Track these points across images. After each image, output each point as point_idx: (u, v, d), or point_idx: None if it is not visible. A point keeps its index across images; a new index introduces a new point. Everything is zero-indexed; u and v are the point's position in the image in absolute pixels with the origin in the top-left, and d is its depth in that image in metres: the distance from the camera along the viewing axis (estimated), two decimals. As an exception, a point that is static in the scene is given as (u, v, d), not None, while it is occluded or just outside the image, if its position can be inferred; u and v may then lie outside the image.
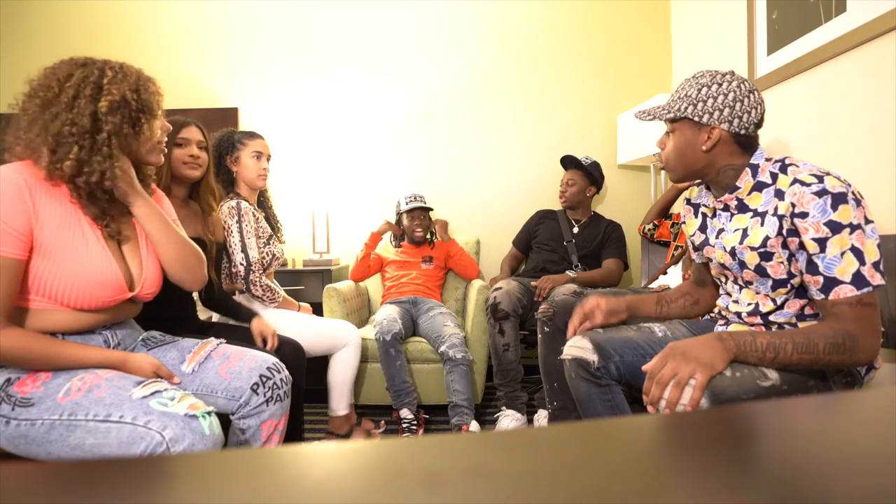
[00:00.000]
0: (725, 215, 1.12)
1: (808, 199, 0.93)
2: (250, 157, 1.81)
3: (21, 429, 0.89)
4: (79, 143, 0.94)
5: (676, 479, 0.26)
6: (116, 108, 0.96)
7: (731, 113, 1.02)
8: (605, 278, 2.27)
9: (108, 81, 0.97)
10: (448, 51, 2.82)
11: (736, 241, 1.07)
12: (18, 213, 0.88)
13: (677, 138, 1.09)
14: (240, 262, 1.69)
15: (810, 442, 0.30)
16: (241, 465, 0.28)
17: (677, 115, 1.07)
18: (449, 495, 0.23)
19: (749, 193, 1.05)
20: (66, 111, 0.93)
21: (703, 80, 1.05)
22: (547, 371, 1.77)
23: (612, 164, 2.79)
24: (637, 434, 0.32)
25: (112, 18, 2.82)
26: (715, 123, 1.03)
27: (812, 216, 0.92)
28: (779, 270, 1.02)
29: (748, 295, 1.11)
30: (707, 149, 1.05)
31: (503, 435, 0.31)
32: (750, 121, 1.03)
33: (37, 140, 0.93)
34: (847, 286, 0.91)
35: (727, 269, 1.13)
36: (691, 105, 1.05)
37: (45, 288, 0.92)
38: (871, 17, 1.50)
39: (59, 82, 0.94)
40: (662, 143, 1.15)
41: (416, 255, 2.46)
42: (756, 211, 1.04)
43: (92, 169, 0.95)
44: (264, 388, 1.16)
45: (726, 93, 1.02)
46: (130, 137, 1.01)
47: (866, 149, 1.55)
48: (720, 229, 1.13)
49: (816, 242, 0.92)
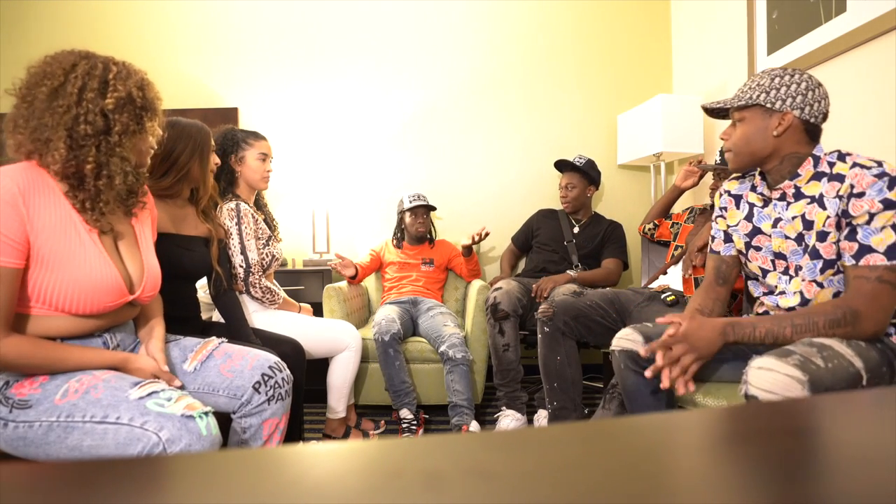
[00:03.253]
0: (781, 204, 1.16)
1: (868, 181, 1.00)
2: (256, 159, 1.80)
3: (19, 431, 0.89)
4: (96, 145, 0.94)
5: (677, 479, 0.26)
6: (123, 106, 0.96)
7: (802, 101, 1.07)
8: (605, 278, 2.27)
9: (114, 77, 0.96)
10: (448, 51, 2.82)
11: (799, 227, 1.11)
12: (13, 221, 0.87)
13: (746, 126, 1.13)
14: (239, 265, 1.68)
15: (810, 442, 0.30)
16: (240, 466, 0.28)
17: (749, 102, 1.11)
18: (449, 495, 0.23)
19: (808, 182, 1.11)
20: (76, 105, 0.92)
21: (775, 72, 1.11)
22: (547, 371, 1.77)
23: (612, 164, 2.80)
24: (637, 434, 0.32)
25: (112, 18, 2.82)
26: (787, 109, 1.08)
27: (868, 195, 1.00)
28: (830, 251, 1.07)
29: (796, 284, 1.15)
30: (778, 134, 1.09)
31: (503, 435, 0.31)
32: (819, 110, 1.09)
33: (48, 132, 0.91)
34: (878, 255, 0.99)
35: (782, 258, 1.16)
36: (763, 92, 1.10)
37: (45, 296, 0.91)
38: (871, 17, 1.51)
39: (64, 71, 0.93)
40: (728, 134, 1.18)
41: (415, 256, 2.46)
42: (813, 197, 1.09)
43: (112, 172, 0.96)
44: (266, 386, 1.16)
45: (798, 82, 1.08)
46: (137, 137, 1.01)
47: (866, 148, 1.55)
48: (777, 218, 1.17)
49: (867, 215, 1.00)
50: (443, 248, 2.52)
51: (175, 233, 1.39)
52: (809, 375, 0.91)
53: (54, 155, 0.91)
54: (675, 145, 2.33)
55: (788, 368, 0.92)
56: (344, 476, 0.26)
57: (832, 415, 0.35)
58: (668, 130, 2.31)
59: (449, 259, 2.52)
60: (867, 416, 0.35)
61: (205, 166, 1.44)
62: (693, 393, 1.14)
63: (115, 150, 0.96)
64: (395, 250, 2.48)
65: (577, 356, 1.77)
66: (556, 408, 1.76)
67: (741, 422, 0.34)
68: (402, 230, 2.50)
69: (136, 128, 1.00)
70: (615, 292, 1.82)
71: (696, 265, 1.72)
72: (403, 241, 2.50)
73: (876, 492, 0.23)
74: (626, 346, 1.25)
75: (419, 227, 2.41)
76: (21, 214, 0.88)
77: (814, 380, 0.91)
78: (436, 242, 2.53)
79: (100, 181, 0.95)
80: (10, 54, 2.80)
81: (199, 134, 1.43)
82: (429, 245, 2.50)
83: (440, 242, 2.55)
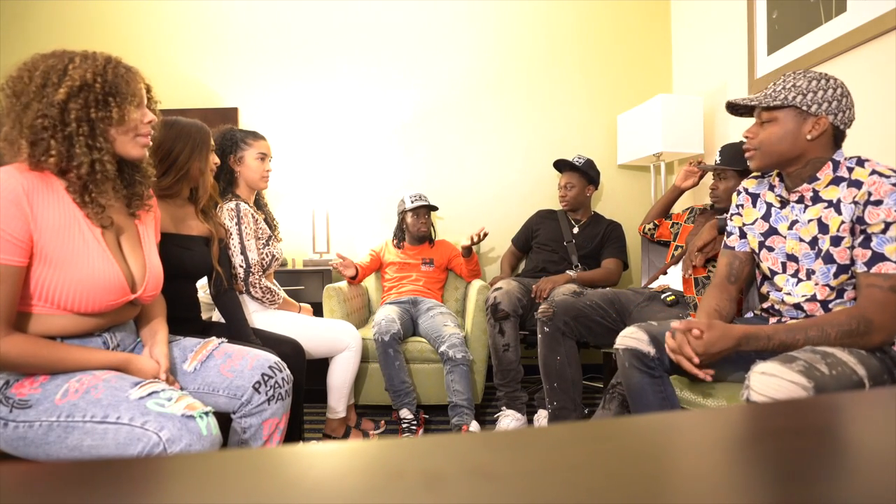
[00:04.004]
0: (799, 207, 1.16)
1: (886, 189, 1.01)
2: (255, 159, 1.80)
3: (19, 431, 0.89)
4: (53, 136, 0.92)
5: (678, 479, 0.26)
6: (77, 92, 0.93)
7: (837, 106, 1.07)
8: (604, 278, 2.27)
9: (74, 68, 0.94)
10: (448, 50, 2.82)
11: (815, 230, 1.12)
12: (16, 219, 0.87)
13: (777, 126, 1.12)
14: (239, 265, 1.68)
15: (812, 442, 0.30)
16: (240, 466, 0.28)
17: (784, 102, 1.10)
18: (449, 495, 0.23)
19: (826, 186, 1.11)
20: (35, 101, 0.91)
21: (811, 75, 1.10)
22: (547, 371, 1.77)
23: (612, 164, 2.79)
24: (638, 434, 0.32)
25: (112, 18, 2.82)
26: (822, 114, 1.08)
27: (886, 203, 1.01)
28: (844, 256, 1.08)
29: (805, 287, 1.15)
30: (812, 137, 1.09)
31: (503, 435, 0.31)
32: (849, 117, 1.09)
33: (12, 133, 0.91)
34: (891, 263, 1.00)
35: (794, 260, 1.17)
36: (800, 95, 1.09)
37: (47, 293, 0.91)
38: (871, 17, 1.51)
39: (28, 73, 0.93)
40: (753, 133, 1.17)
41: (416, 256, 2.45)
42: (830, 202, 1.10)
43: (79, 161, 0.94)
44: (266, 386, 1.16)
45: (834, 87, 1.08)
46: (104, 123, 0.97)
47: (867, 148, 1.55)
48: (794, 220, 1.17)
49: (883, 224, 1.01)
50: (443, 249, 2.52)
51: (175, 232, 1.39)
52: (815, 382, 0.91)
53: (22, 154, 0.91)
54: (675, 145, 2.33)
55: (793, 375, 0.91)
56: (344, 476, 0.26)
57: (834, 415, 0.35)
58: (668, 130, 2.31)
59: (449, 259, 2.52)
60: (869, 416, 0.35)
61: (204, 165, 1.44)
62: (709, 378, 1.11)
63: (75, 139, 0.93)
64: (396, 250, 2.48)
65: (577, 356, 1.77)
66: (556, 408, 1.76)
67: (742, 422, 0.34)
68: (402, 230, 2.50)
69: (102, 114, 0.95)
70: (615, 292, 1.82)
71: (696, 265, 1.72)
72: (404, 241, 2.50)
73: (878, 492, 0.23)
74: (631, 344, 1.25)
75: (421, 227, 2.41)
76: (25, 213, 0.88)
77: (819, 386, 0.90)
78: (436, 242, 2.53)
79: (70, 173, 0.94)
80: (10, 54, 2.79)
81: (198, 133, 1.43)
82: (429, 245, 2.50)
83: (440, 242, 2.55)
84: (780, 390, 0.91)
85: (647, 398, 1.23)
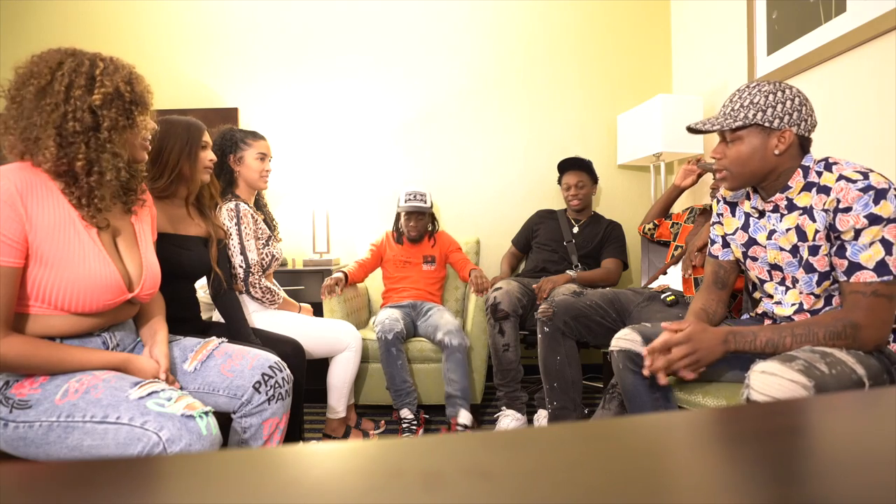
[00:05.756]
0: (775, 216, 1.15)
1: (853, 196, 0.99)
2: (255, 159, 1.80)
3: (19, 431, 0.89)
4: (85, 141, 0.93)
5: (676, 479, 0.26)
6: (111, 101, 0.95)
7: (798, 116, 1.06)
8: (604, 278, 2.27)
9: (101, 73, 0.95)
10: (449, 51, 2.82)
11: (794, 239, 1.11)
12: (11, 221, 0.87)
13: (743, 146, 1.10)
14: (239, 265, 1.68)
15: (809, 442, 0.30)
16: (240, 466, 0.28)
17: (746, 122, 1.07)
18: (449, 495, 0.23)
19: (799, 193, 1.10)
20: (63, 102, 0.92)
21: (766, 88, 1.07)
22: (547, 371, 1.77)
23: (612, 164, 2.79)
24: (637, 434, 0.32)
25: (112, 19, 2.82)
26: (786, 127, 1.06)
27: (854, 210, 0.99)
28: (824, 263, 1.08)
29: (793, 295, 1.15)
30: (780, 152, 1.08)
31: (502, 435, 0.31)
32: (812, 123, 1.08)
33: (37, 130, 0.91)
34: (868, 272, 0.99)
35: (778, 269, 1.16)
36: (760, 111, 1.06)
37: (44, 294, 0.91)
38: (871, 17, 1.51)
39: (50, 70, 0.93)
40: (720, 153, 1.14)
41: (416, 253, 2.43)
42: (805, 209, 1.09)
43: (102, 168, 0.95)
44: (266, 386, 1.16)
45: (792, 98, 1.06)
46: (127, 131, 1.00)
47: (867, 149, 1.55)
48: (771, 230, 1.16)
49: (853, 231, 1.00)
50: (442, 242, 2.48)
51: (173, 233, 1.39)
52: (815, 381, 0.91)
53: (45, 154, 0.91)
54: (674, 145, 2.33)
55: (793, 374, 0.91)
56: (344, 476, 0.26)
57: (831, 415, 0.35)
58: (667, 130, 2.31)
59: (448, 253, 2.49)
60: (866, 416, 0.35)
61: (194, 162, 1.42)
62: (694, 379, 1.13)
63: (105, 147, 0.95)
64: (397, 246, 2.44)
65: (577, 356, 1.77)
66: (556, 408, 1.76)
67: (740, 422, 0.34)
68: (399, 228, 2.47)
69: (126, 123, 0.99)
70: (615, 292, 1.82)
71: (696, 265, 1.72)
72: (403, 236, 2.47)
73: (875, 492, 0.23)
74: (625, 346, 1.25)
75: (411, 230, 2.37)
76: (20, 214, 0.88)
77: (819, 386, 0.90)
78: (436, 235, 2.48)
79: (91, 177, 0.95)
80: (10, 54, 2.79)
81: (186, 131, 1.40)
82: (429, 241, 2.46)
83: (440, 235, 2.50)
84: (780, 389, 0.91)
85: (642, 399, 1.23)
